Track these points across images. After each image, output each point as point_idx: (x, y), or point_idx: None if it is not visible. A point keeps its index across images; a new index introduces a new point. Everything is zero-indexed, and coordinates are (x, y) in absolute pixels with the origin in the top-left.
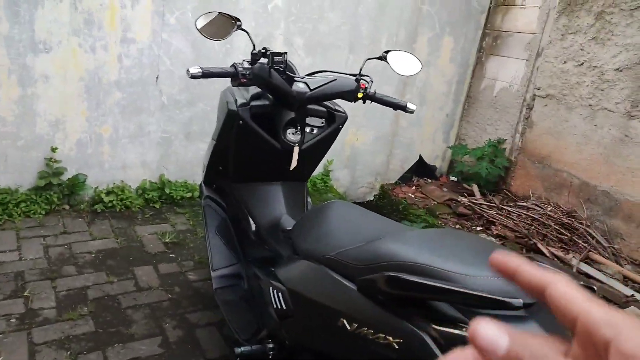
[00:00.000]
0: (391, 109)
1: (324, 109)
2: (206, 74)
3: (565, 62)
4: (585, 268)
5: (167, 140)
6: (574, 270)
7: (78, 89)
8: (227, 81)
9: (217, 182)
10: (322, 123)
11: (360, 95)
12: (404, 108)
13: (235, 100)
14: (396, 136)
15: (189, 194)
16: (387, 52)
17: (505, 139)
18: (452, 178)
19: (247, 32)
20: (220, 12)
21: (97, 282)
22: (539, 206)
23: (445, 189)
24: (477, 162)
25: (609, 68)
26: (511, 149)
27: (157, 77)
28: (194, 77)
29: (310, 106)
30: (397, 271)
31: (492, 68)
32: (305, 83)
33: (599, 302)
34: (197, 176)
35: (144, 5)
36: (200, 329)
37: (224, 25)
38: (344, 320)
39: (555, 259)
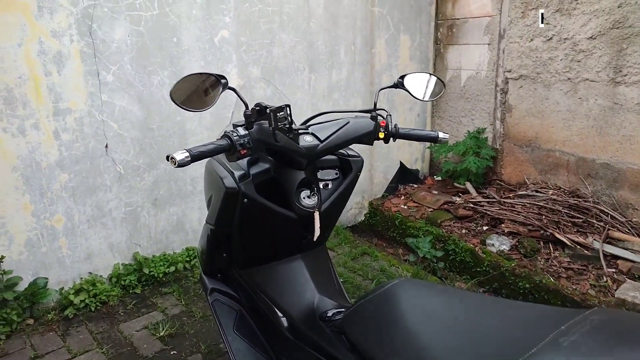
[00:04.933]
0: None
1: (335, 157)
2: (196, 157)
3: (532, 39)
4: (610, 249)
5: (133, 213)
6: (600, 253)
7: (14, 180)
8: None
9: (222, 270)
10: (336, 174)
11: (381, 135)
12: (435, 139)
13: (232, 174)
14: (374, 148)
15: (172, 268)
16: (402, 77)
17: (485, 128)
18: (437, 178)
19: (235, 91)
20: (198, 73)
21: None
22: (539, 192)
23: (435, 192)
24: (461, 157)
25: (582, 38)
26: (494, 137)
27: (106, 146)
28: (181, 165)
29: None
30: None
31: (454, 58)
32: (313, 134)
33: None
34: (175, 244)
35: (72, 68)
36: None
37: (205, 88)
38: None
39: (577, 246)
